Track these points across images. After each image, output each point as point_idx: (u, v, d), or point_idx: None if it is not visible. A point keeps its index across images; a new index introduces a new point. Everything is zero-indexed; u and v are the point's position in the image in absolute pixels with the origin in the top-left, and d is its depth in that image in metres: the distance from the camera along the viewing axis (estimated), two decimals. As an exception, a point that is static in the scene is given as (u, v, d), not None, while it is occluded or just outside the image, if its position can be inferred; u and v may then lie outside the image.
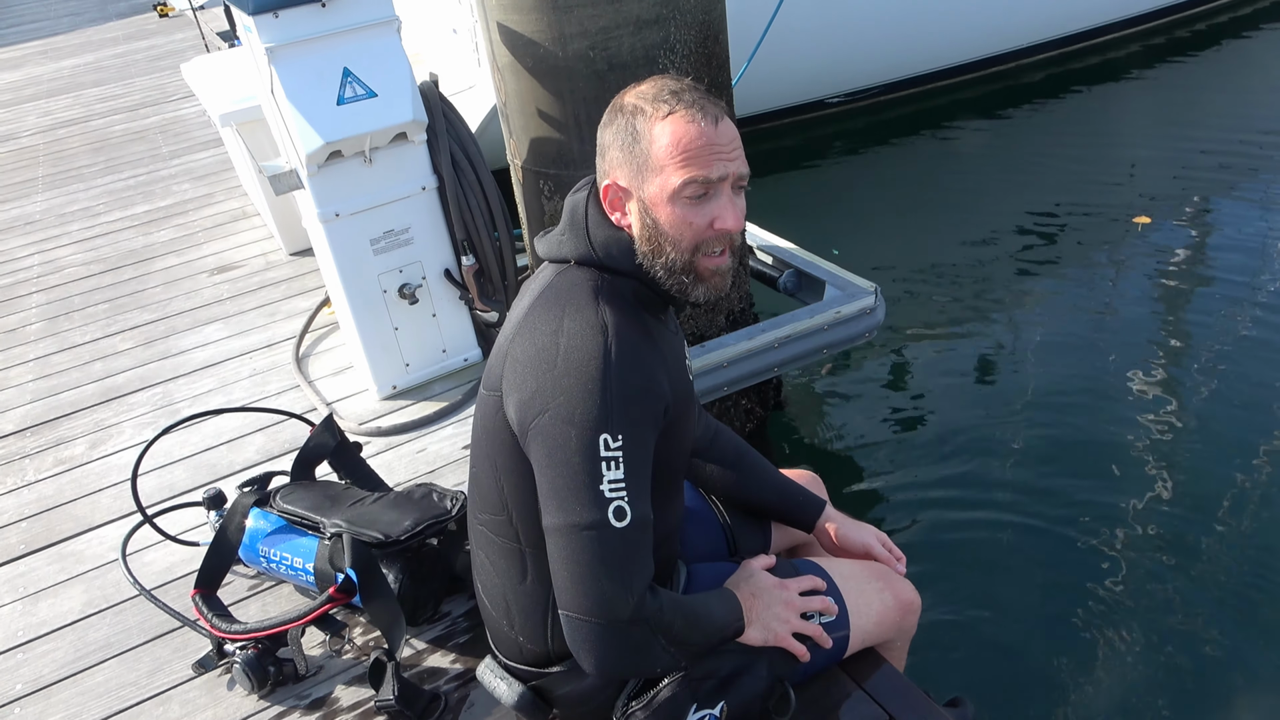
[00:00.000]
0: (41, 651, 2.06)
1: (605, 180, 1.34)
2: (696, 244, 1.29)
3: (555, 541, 1.25)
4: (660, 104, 1.28)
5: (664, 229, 1.29)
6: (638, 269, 1.33)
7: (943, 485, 3.06)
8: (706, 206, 1.28)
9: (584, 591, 1.23)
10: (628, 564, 1.23)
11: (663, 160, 1.27)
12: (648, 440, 1.27)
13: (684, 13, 2.37)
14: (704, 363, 2.65)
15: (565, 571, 1.24)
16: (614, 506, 1.22)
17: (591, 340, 1.24)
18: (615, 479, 1.22)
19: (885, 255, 4.52)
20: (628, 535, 1.23)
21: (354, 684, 1.84)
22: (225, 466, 2.58)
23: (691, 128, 1.26)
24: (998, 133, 5.87)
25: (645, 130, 1.28)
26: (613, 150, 1.32)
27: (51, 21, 11.32)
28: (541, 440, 1.25)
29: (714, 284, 1.33)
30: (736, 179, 1.29)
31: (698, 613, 1.37)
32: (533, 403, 1.25)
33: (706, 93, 1.31)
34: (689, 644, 1.34)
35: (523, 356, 1.29)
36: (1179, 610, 2.53)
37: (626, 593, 1.23)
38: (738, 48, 2.68)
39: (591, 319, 1.27)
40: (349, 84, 2.39)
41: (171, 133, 5.80)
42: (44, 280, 3.97)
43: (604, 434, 1.22)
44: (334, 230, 2.54)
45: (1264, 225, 4.34)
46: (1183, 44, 6.88)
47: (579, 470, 1.22)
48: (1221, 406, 3.22)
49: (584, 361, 1.23)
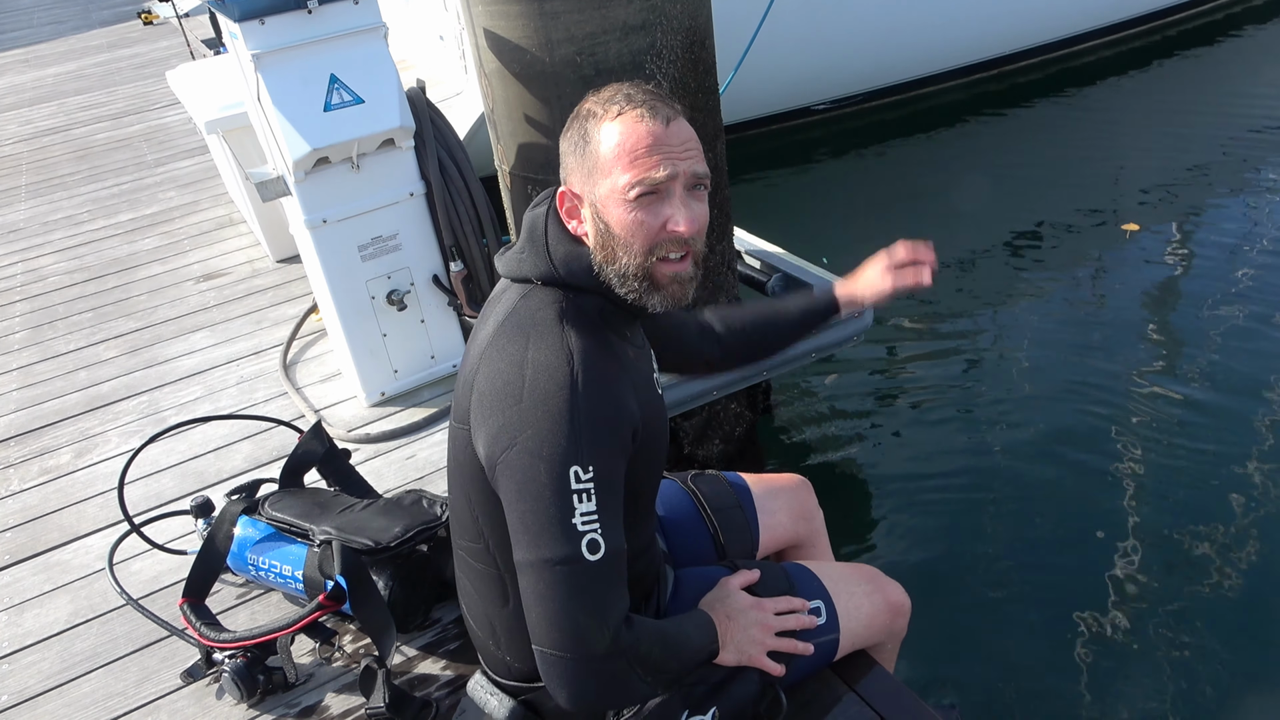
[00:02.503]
0: (28, 662, 2.04)
1: (561, 187, 1.32)
2: (649, 247, 1.24)
3: (527, 577, 1.21)
4: (611, 105, 1.25)
5: (615, 232, 1.24)
6: (599, 284, 1.29)
7: (933, 488, 3.07)
8: (658, 208, 1.23)
9: (558, 627, 1.19)
10: (602, 597, 1.20)
11: (610, 162, 1.23)
12: (618, 468, 1.24)
13: (670, 18, 2.38)
14: (693, 367, 2.65)
15: (539, 608, 1.20)
16: (587, 540, 1.18)
17: (557, 370, 1.21)
18: (587, 511, 1.19)
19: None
20: (602, 568, 1.19)
21: (344, 692, 1.84)
22: (213, 474, 2.57)
23: (639, 127, 1.22)
24: (983, 138, 5.91)
25: (594, 132, 1.25)
26: (567, 156, 1.30)
27: (33, 30, 11.27)
28: (510, 475, 1.21)
29: (672, 292, 1.27)
30: (690, 179, 1.24)
31: (674, 639, 1.34)
32: (500, 437, 1.22)
33: (665, 95, 1.28)
34: (665, 672, 1.31)
35: (488, 389, 1.25)
36: (1173, 613, 2.54)
37: (602, 626, 1.20)
38: (725, 55, 2.70)
39: (556, 347, 1.23)
40: (336, 90, 2.39)
41: (156, 140, 5.78)
42: (27, 289, 3.94)
43: (574, 466, 1.18)
44: (321, 237, 2.53)
45: (1253, 230, 4.37)
46: (1169, 45, 6.94)
47: (550, 504, 1.18)
48: (1213, 409, 3.24)
49: (550, 393, 1.20)
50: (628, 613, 1.25)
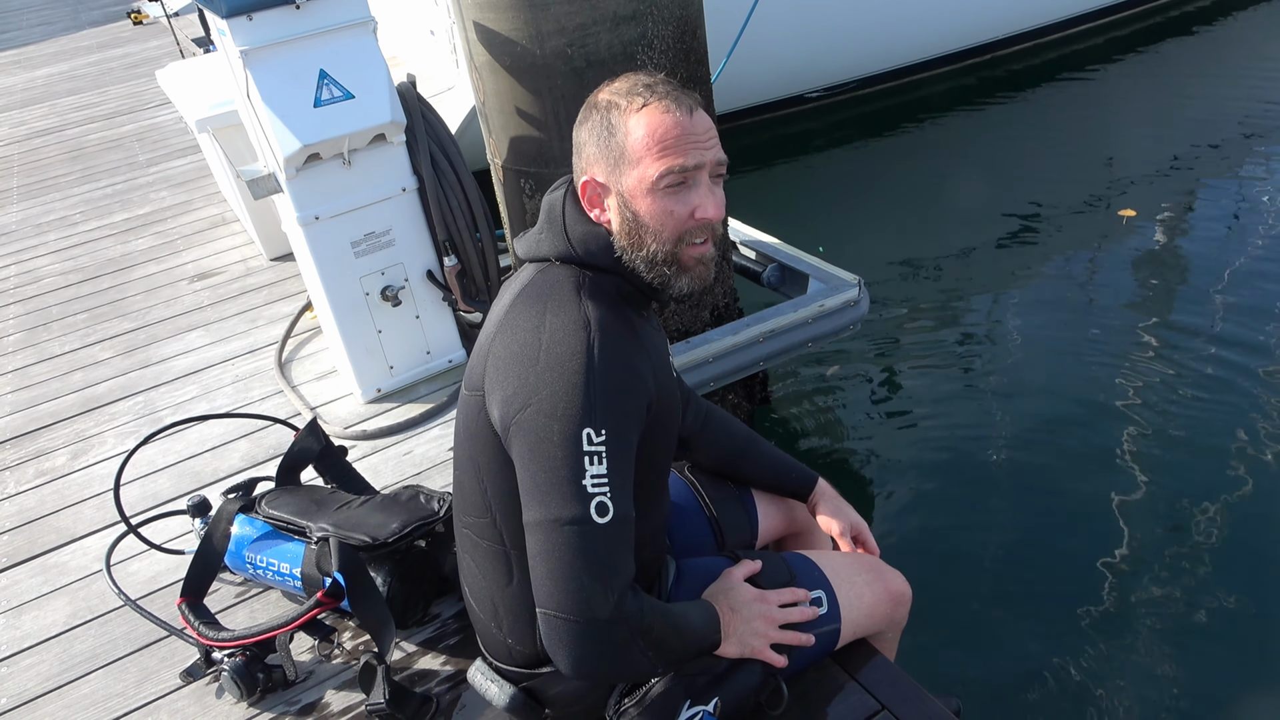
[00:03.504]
0: (26, 665, 2.03)
1: (583, 177, 1.34)
2: (678, 234, 1.29)
3: (535, 537, 1.23)
4: (635, 97, 1.28)
5: (644, 221, 1.28)
6: (617, 264, 1.32)
7: (932, 476, 3.06)
8: (686, 196, 1.28)
9: (563, 588, 1.21)
10: (609, 561, 1.21)
11: (639, 152, 1.26)
12: (631, 436, 1.26)
13: (661, 8, 2.37)
14: (689, 359, 2.65)
15: (544, 567, 1.22)
16: (596, 502, 1.20)
17: (574, 335, 1.23)
18: (598, 474, 1.20)
19: (868, 248, 4.53)
20: (609, 531, 1.21)
21: (344, 688, 1.83)
22: (209, 474, 2.56)
23: (667, 118, 1.26)
24: (978, 124, 5.90)
25: (620, 123, 1.28)
26: (589, 147, 1.32)
27: (23, 31, 11.22)
28: (524, 435, 1.23)
29: (698, 273, 1.33)
30: (714, 166, 1.30)
31: (677, 618, 1.35)
32: (515, 399, 1.24)
33: (680, 85, 1.32)
34: (667, 650, 1.32)
35: (505, 354, 1.27)
36: (1176, 602, 2.54)
37: (606, 590, 1.21)
38: (716, 43, 2.69)
39: (574, 314, 1.26)
40: (325, 86, 2.38)
41: (148, 140, 5.76)
42: (21, 291, 3.92)
43: (587, 428, 1.20)
44: (314, 234, 2.52)
45: (1251, 213, 4.36)
46: (1164, 28, 6.93)
47: (561, 465, 1.20)
48: (1215, 398, 3.23)
49: (567, 356, 1.22)
50: (633, 581, 1.26)
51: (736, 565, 1.55)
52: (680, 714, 1.43)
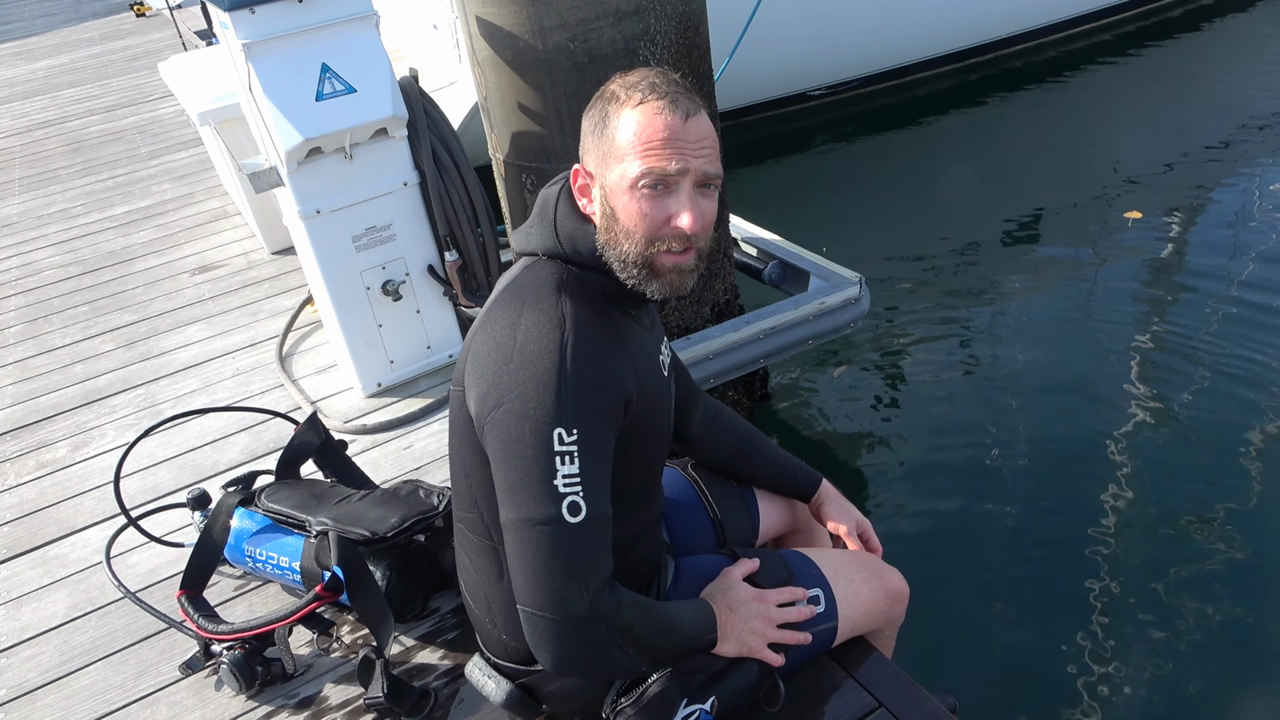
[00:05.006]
0: (26, 656, 2.03)
1: (577, 164, 1.33)
2: (651, 238, 1.25)
3: (510, 537, 1.23)
4: (635, 92, 1.25)
5: (619, 219, 1.26)
6: (601, 262, 1.30)
7: (931, 474, 3.07)
8: (664, 201, 1.24)
9: (538, 587, 1.21)
10: (582, 560, 1.21)
11: (624, 149, 1.24)
12: (606, 435, 1.25)
13: (664, 3, 2.36)
14: (690, 355, 2.65)
15: (520, 567, 1.22)
16: (568, 502, 1.20)
17: (548, 334, 1.22)
18: (570, 474, 1.20)
19: (870, 246, 4.53)
20: (582, 531, 1.21)
21: (342, 682, 1.83)
22: (209, 467, 2.56)
23: (658, 119, 1.22)
24: (980, 123, 5.89)
25: (614, 116, 1.26)
26: (586, 136, 1.31)
27: (25, 23, 11.21)
28: (496, 434, 1.23)
29: (671, 280, 1.28)
30: (700, 177, 1.25)
31: (664, 619, 1.35)
32: (489, 396, 1.24)
33: (690, 89, 1.28)
34: (651, 648, 1.31)
35: (482, 350, 1.27)
36: (1174, 601, 2.54)
37: (581, 590, 1.21)
38: (719, 42, 2.68)
39: (550, 312, 1.24)
40: (327, 80, 2.38)
41: (150, 133, 5.75)
42: (22, 283, 3.92)
43: (558, 428, 1.19)
44: (315, 227, 2.52)
45: (1257, 214, 4.35)
46: (1168, 27, 6.91)
47: (532, 465, 1.20)
48: (1217, 398, 3.23)
49: (539, 355, 1.21)
50: (610, 579, 1.25)
51: (735, 564, 1.55)
52: (677, 712, 1.42)
